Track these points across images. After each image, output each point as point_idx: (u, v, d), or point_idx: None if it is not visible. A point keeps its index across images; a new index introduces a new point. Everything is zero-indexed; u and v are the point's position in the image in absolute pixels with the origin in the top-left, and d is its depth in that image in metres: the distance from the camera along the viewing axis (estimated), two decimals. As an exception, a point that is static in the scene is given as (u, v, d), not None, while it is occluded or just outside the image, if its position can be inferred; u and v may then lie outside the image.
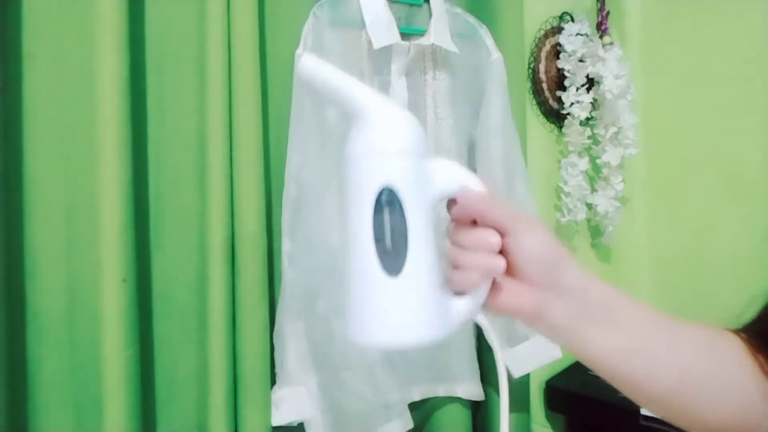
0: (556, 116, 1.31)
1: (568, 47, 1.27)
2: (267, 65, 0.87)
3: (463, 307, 0.44)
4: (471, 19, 1.03)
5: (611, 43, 1.29)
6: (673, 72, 1.45)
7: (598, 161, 1.34)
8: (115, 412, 0.73)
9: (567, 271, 0.45)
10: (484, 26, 1.04)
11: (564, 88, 1.29)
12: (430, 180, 0.43)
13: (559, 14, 1.32)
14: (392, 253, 0.40)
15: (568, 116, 1.29)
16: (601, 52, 1.27)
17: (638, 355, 0.47)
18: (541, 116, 1.31)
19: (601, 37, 1.31)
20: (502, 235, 0.44)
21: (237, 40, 0.81)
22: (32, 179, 0.73)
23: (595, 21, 1.34)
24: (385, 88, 0.94)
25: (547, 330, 0.46)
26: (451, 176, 0.44)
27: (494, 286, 0.45)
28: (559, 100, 1.30)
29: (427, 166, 0.43)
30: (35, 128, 0.74)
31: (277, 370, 0.86)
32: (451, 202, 0.45)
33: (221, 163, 0.81)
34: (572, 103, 1.27)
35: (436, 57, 0.98)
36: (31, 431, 0.73)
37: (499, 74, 1.03)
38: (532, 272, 0.44)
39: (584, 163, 1.29)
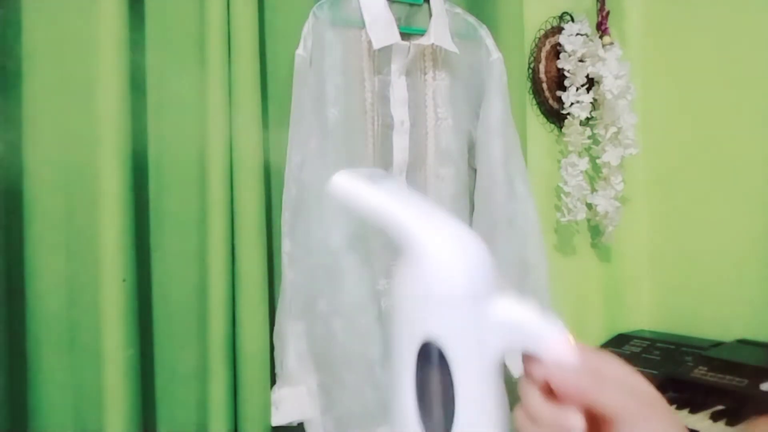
0: (556, 116, 1.31)
1: (568, 47, 1.27)
2: (267, 65, 0.87)
3: None
4: (471, 19, 1.03)
5: (611, 43, 1.29)
6: (673, 72, 1.44)
7: (598, 161, 1.34)
8: (115, 412, 0.73)
9: None
10: (485, 26, 1.04)
11: (564, 88, 1.29)
12: (492, 330, 0.34)
13: (559, 14, 1.32)
14: (436, 419, 0.33)
15: (568, 116, 1.29)
16: (601, 52, 1.27)
17: None
18: (541, 116, 1.31)
19: (601, 37, 1.31)
20: (598, 422, 0.33)
21: (237, 40, 0.81)
22: (32, 179, 0.73)
23: (595, 21, 1.34)
24: (385, 87, 0.94)
25: None
26: (525, 327, 0.34)
27: None
28: (559, 100, 1.30)
29: (491, 311, 0.34)
30: (35, 128, 0.74)
31: (277, 369, 0.86)
32: (528, 357, 0.35)
33: (221, 163, 0.81)
34: (572, 103, 1.27)
35: (436, 57, 0.98)
36: (31, 431, 0.73)
37: (499, 74, 1.03)
38: None
39: (584, 163, 1.29)
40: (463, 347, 0.33)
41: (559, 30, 1.30)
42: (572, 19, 1.31)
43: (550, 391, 0.33)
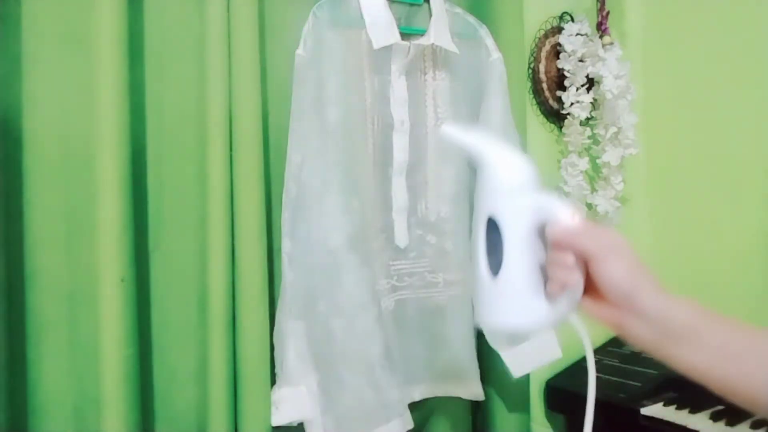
0: (556, 116, 1.31)
1: (568, 47, 1.27)
2: (267, 65, 0.87)
3: (553, 308, 0.54)
4: (471, 19, 1.03)
5: (611, 43, 1.29)
6: (673, 72, 1.44)
7: (598, 161, 1.34)
8: (114, 412, 0.73)
9: (646, 298, 0.50)
10: (484, 26, 1.04)
11: (564, 88, 1.29)
12: (528, 209, 0.54)
13: (559, 14, 1.32)
14: (495, 261, 0.54)
15: (568, 116, 1.29)
16: (601, 52, 1.27)
17: (723, 369, 0.50)
18: (541, 116, 1.31)
19: (601, 37, 1.31)
20: (587, 260, 0.51)
21: (237, 39, 0.81)
22: (32, 179, 0.73)
23: (595, 21, 1.34)
24: (385, 87, 0.94)
25: (633, 343, 0.53)
26: (547, 209, 0.54)
27: (587, 292, 0.53)
28: (559, 100, 1.30)
29: (531, 199, 0.54)
30: (35, 128, 0.74)
31: (277, 370, 0.86)
32: (549, 224, 0.54)
33: (221, 162, 0.81)
34: (572, 103, 1.27)
35: (436, 57, 0.98)
36: (30, 431, 0.73)
37: (499, 74, 1.03)
38: (610, 297, 0.51)
39: (584, 163, 1.29)
40: (509, 219, 0.54)
41: (559, 30, 1.30)
42: (572, 19, 1.31)
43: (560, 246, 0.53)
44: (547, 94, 1.30)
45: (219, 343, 0.80)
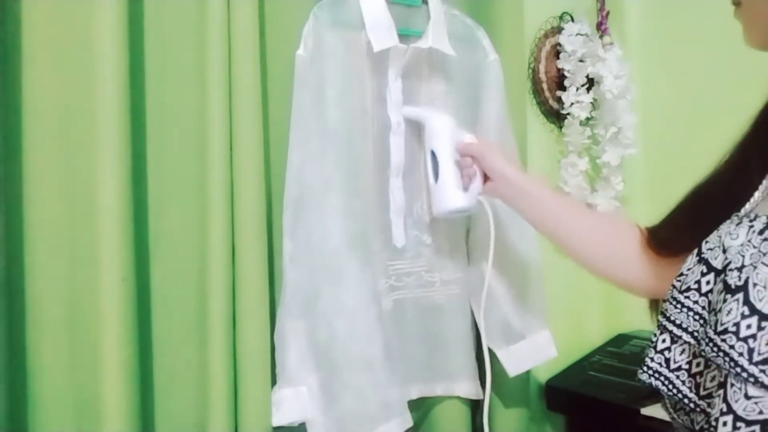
0: (556, 116, 1.32)
1: (568, 47, 1.27)
2: (267, 65, 0.88)
3: (469, 193, 0.89)
4: (469, 21, 1.03)
5: (611, 43, 1.29)
6: (673, 72, 1.44)
7: (598, 161, 1.34)
8: (114, 412, 0.73)
9: (509, 171, 0.86)
10: (482, 28, 1.04)
11: (564, 88, 1.29)
12: (450, 140, 0.91)
13: (559, 14, 1.32)
14: (435, 174, 0.91)
15: (568, 116, 1.29)
16: (601, 52, 1.27)
17: (550, 222, 0.85)
18: (541, 116, 1.31)
19: (601, 37, 1.31)
20: (478, 160, 0.88)
21: (237, 39, 0.81)
22: (32, 179, 0.73)
23: (595, 21, 1.34)
24: (382, 89, 0.94)
25: (506, 202, 0.89)
26: (458, 136, 0.91)
27: (484, 182, 0.89)
28: (559, 100, 1.30)
29: (450, 134, 0.91)
30: (35, 128, 0.74)
31: (278, 370, 0.86)
32: (460, 146, 0.91)
33: (221, 162, 0.81)
34: (572, 103, 1.27)
35: (433, 60, 0.98)
36: (30, 431, 0.73)
37: (496, 76, 1.03)
38: (492, 175, 0.87)
39: (584, 163, 1.29)
40: (442, 149, 0.91)
41: (559, 30, 1.30)
42: (572, 19, 1.31)
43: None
44: (547, 94, 1.30)
45: (219, 343, 0.80)
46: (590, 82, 1.30)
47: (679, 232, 0.69)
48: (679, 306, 0.57)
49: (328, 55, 0.88)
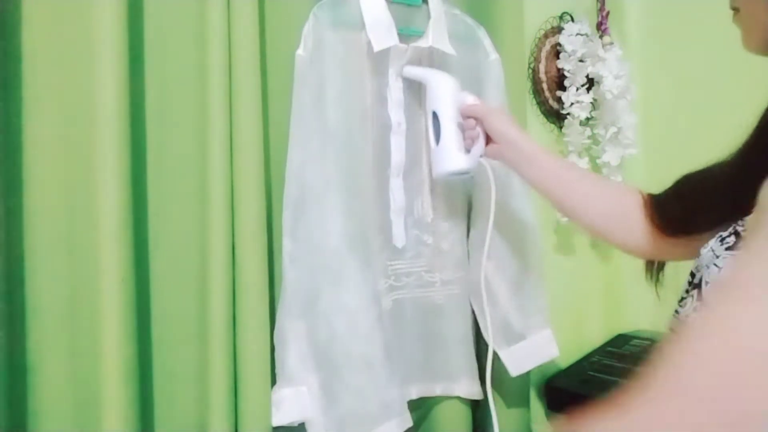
0: (556, 116, 1.32)
1: (568, 47, 1.27)
2: (267, 65, 0.87)
3: (471, 155, 0.89)
4: (469, 20, 1.03)
5: (611, 43, 1.29)
6: (673, 72, 1.45)
7: (598, 161, 1.34)
8: (114, 412, 0.73)
9: (514, 134, 0.86)
10: (482, 27, 1.04)
11: (564, 88, 1.29)
12: (453, 102, 0.90)
13: (559, 14, 1.32)
14: (437, 136, 0.90)
15: (568, 116, 1.29)
16: (601, 52, 1.27)
17: (553, 184, 0.85)
18: (541, 116, 1.31)
19: (601, 37, 1.31)
20: (481, 121, 0.88)
21: (237, 39, 0.81)
22: (32, 179, 0.73)
23: (595, 21, 1.35)
24: (382, 89, 0.94)
25: (509, 165, 0.89)
26: (461, 98, 0.91)
27: (486, 144, 0.90)
28: (559, 100, 1.30)
29: (453, 96, 0.91)
30: (35, 128, 0.74)
31: (278, 370, 0.86)
32: (464, 107, 0.91)
33: (221, 162, 0.80)
34: (572, 103, 1.27)
35: (433, 59, 0.98)
36: (30, 430, 0.73)
37: (496, 75, 1.03)
38: (495, 137, 0.88)
39: (584, 163, 1.29)
40: (444, 110, 0.90)
41: (559, 30, 1.30)
42: (572, 19, 1.31)
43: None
44: (547, 94, 1.30)
45: (219, 343, 0.80)
46: (590, 82, 1.30)
47: (679, 219, 0.73)
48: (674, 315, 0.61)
49: (328, 55, 0.88)
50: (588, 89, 1.29)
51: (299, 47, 0.87)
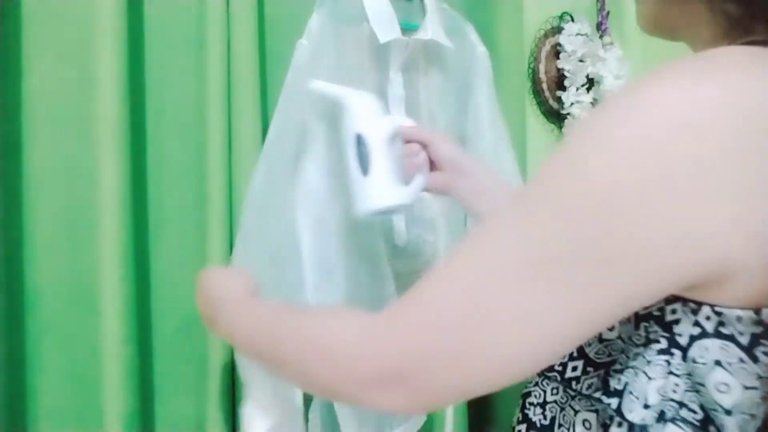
0: (556, 116, 1.31)
1: (568, 47, 1.27)
2: (267, 64, 0.87)
3: (410, 188, 0.73)
4: (456, 14, 1.02)
5: (611, 43, 1.29)
6: (673, 72, 1.44)
7: (598, 161, 1.33)
8: (114, 411, 0.73)
9: (469, 164, 0.74)
10: (468, 22, 1.03)
11: (564, 88, 1.29)
12: (382, 123, 0.74)
13: (559, 14, 1.32)
14: (364, 165, 0.71)
15: (568, 116, 1.29)
16: (601, 52, 1.27)
17: (478, 202, 0.73)
18: (541, 116, 1.31)
19: (601, 37, 1.31)
20: (426, 146, 0.75)
21: (237, 37, 0.81)
22: (32, 179, 0.73)
23: (595, 21, 1.34)
24: (382, 84, 0.93)
25: (457, 198, 0.75)
26: (396, 122, 0.76)
27: (431, 175, 0.75)
28: (559, 100, 1.30)
29: (384, 117, 0.75)
30: (35, 128, 0.74)
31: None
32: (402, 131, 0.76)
33: (221, 161, 0.81)
34: (572, 103, 1.27)
35: (429, 53, 0.97)
36: (30, 430, 0.73)
37: (484, 69, 1.02)
38: (443, 164, 0.74)
39: (584, 163, 1.29)
40: (373, 133, 0.72)
41: (559, 30, 1.30)
42: (572, 19, 1.31)
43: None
44: (547, 94, 1.30)
45: (219, 343, 0.80)
46: (590, 82, 1.30)
47: None
48: None
49: (331, 49, 0.87)
50: (588, 89, 1.29)
51: (303, 37, 0.85)
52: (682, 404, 0.39)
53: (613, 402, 0.41)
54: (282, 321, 0.51)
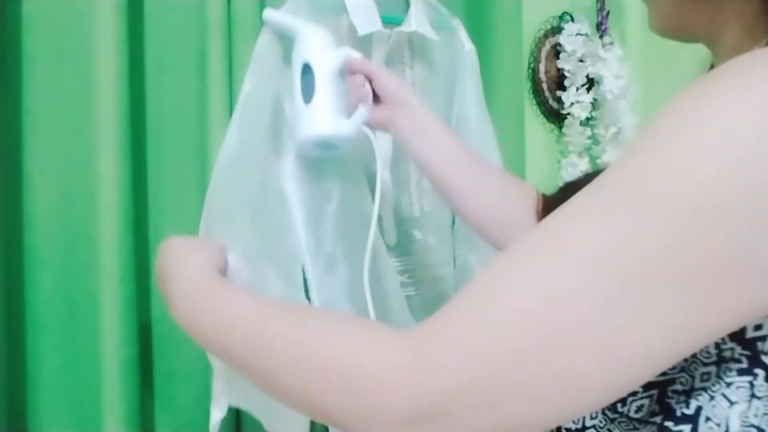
0: (556, 116, 1.31)
1: (568, 47, 1.27)
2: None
3: (351, 120, 0.73)
4: (443, 9, 1.01)
5: (611, 43, 1.29)
6: (673, 72, 1.44)
7: (598, 161, 1.33)
8: (114, 411, 0.73)
9: (410, 96, 0.74)
10: (457, 18, 1.02)
11: (564, 88, 1.29)
12: (331, 53, 0.75)
13: (559, 14, 1.32)
14: (308, 93, 0.73)
15: (568, 116, 1.29)
16: (601, 52, 1.27)
17: (444, 169, 0.72)
18: (541, 116, 1.31)
19: (601, 37, 1.31)
20: (371, 78, 0.74)
21: (238, 38, 0.81)
22: (32, 179, 0.73)
23: (595, 21, 1.34)
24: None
25: (397, 134, 0.75)
26: (343, 52, 0.75)
27: (374, 108, 0.75)
28: (559, 100, 1.30)
29: (330, 47, 0.75)
30: (35, 128, 0.74)
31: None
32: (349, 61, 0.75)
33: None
34: (572, 103, 1.27)
35: (414, 46, 0.96)
36: (30, 430, 0.73)
37: (472, 66, 1.01)
38: (387, 97, 0.74)
39: (584, 164, 1.29)
40: (319, 61, 0.73)
41: (559, 30, 1.30)
42: (572, 19, 1.31)
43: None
44: (547, 94, 1.29)
45: (219, 343, 0.80)
46: (590, 82, 1.30)
47: None
48: None
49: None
50: (588, 89, 1.29)
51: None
52: (760, 430, 0.36)
53: (685, 429, 0.37)
54: (272, 324, 0.42)
